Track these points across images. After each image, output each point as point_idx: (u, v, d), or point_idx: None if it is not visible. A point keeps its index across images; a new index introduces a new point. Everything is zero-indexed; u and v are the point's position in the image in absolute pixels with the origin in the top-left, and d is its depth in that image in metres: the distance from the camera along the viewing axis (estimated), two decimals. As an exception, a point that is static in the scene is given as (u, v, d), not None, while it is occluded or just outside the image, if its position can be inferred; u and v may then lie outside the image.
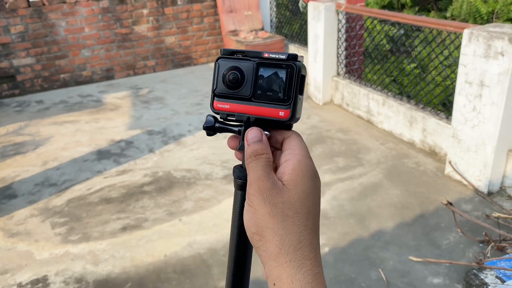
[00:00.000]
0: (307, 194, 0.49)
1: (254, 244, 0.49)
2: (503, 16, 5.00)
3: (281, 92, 0.51)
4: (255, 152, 0.50)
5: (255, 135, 0.51)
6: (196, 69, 6.37)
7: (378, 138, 3.91)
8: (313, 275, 0.47)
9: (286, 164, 0.50)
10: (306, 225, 0.48)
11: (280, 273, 0.46)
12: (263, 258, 0.48)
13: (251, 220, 0.48)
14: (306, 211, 0.48)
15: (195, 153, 3.82)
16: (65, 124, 4.62)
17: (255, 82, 0.52)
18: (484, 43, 2.80)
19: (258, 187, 0.48)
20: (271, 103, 0.51)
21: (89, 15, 5.66)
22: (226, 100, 0.53)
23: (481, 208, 2.90)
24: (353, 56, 4.53)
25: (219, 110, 0.54)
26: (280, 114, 0.51)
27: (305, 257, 0.47)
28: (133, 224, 2.92)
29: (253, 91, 0.52)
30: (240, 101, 0.53)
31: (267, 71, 0.51)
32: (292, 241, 0.47)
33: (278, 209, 0.47)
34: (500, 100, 2.79)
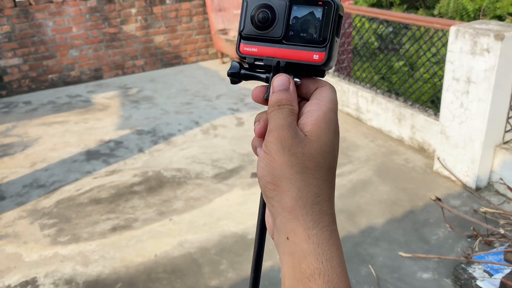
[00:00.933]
0: (329, 147, 0.46)
1: (267, 194, 0.46)
2: (490, 13, 5.05)
3: (316, 33, 0.45)
4: (279, 101, 0.46)
5: (282, 83, 0.47)
6: (186, 68, 6.35)
7: (367, 135, 3.94)
8: (331, 231, 0.44)
9: (310, 114, 0.46)
10: (326, 180, 0.45)
11: (296, 227, 0.43)
12: (275, 209, 0.45)
13: (266, 168, 0.45)
14: (328, 165, 0.45)
15: (185, 153, 3.81)
16: (53, 124, 4.58)
17: (287, 21, 0.46)
18: (471, 40, 2.83)
19: (278, 135, 0.45)
20: (305, 45, 0.46)
21: (77, 15, 5.62)
22: (254, 42, 0.48)
23: (469, 203, 2.93)
24: (342, 54, 4.55)
25: (246, 54, 0.49)
26: (314, 58, 0.46)
27: (323, 212, 0.44)
28: (123, 225, 2.90)
29: (284, 32, 0.46)
30: (270, 44, 0.47)
31: (301, 9, 0.46)
32: (310, 195, 0.44)
33: (298, 159, 0.44)
34: (486, 96, 2.82)
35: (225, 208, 3.00)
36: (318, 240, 0.43)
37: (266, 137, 0.46)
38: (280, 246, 0.45)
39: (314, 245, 0.43)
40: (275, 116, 0.46)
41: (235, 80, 0.50)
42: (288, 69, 0.47)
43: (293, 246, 0.43)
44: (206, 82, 5.70)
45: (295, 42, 0.46)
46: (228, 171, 3.48)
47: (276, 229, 0.46)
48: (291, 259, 0.44)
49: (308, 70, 0.47)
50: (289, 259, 0.44)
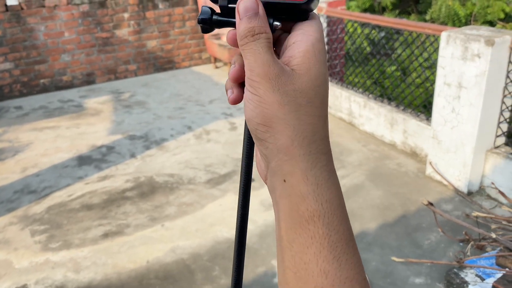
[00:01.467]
0: (321, 81, 0.42)
1: (259, 136, 0.42)
2: (481, 18, 5.10)
3: None
4: (251, 30, 0.41)
5: (250, 6, 0.41)
6: (179, 73, 6.34)
7: (360, 140, 3.95)
8: (329, 171, 0.42)
9: (296, 46, 0.42)
10: (320, 116, 0.42)
11: (293, 168, 0.40)
12: (270, 151, 0.41)
13: (255, 110, 0.41)
14: (320, 100, 0.42)
15: (177, 158, 3.80)
16: (45, 130, 4.55)
17: None
18: (462, 45, 2.85)
19: (264, 72, 0.40)
20: None
21: (69, 19, 5.59)
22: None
23: (461, 208, 2.95)
24: (334, 59, 4.56)
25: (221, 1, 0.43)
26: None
27: (320, 151, 0.41)
28: (114, 231, 2.88)
29: None
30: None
31: None
32: (306, 133, 0.41)
33: (289, 97, 0.40)
34: (477, 101, 2.84)
35: (218, 214, 2.99)
36: (317, 181, 0.40)
37: (249, 75, 0.42)
38: (276, 190, 0.43)
39: (313, 186, 0.40)
40: (252, 49, 0.41)
41: (206, 28, 0.45)
42: (265, 10, 0.42)
43: (290, 188, 0.41)
44: (199, 86, 5.69)
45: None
46: (221, 176, 3.47)
47: (270, 172, 0.43)
48: (288, 202, 0.41)
49: (289, 11, 0.42)
50: (285, 202, 0.41)
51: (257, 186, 3.28)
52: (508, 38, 2.76)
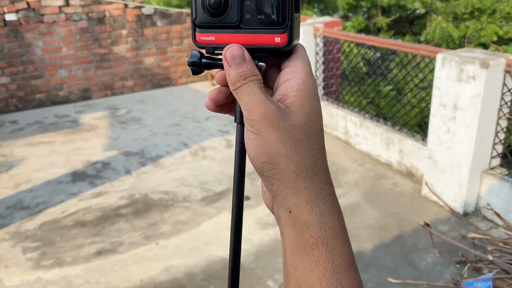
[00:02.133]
0: (314, 115, 0.45)
1: (265, 174, 0.44)
2: (474, 41, 5.18)
3: (274, 13, 0.42)
4: (242, 74, 0.43)
5: (237, 53, 0.43)
6: (176, 89, 6.36)
7: (356, 159, 3.95)
8: (332, 200, 0.44)
9: (288, 84, 0.44)
10: (318, 148, 0.45)
11: (298, 200, 0.43)
12: (276, 187, 0.44)
13: (259, 149, 0.43)
14: (316, 133, 0.45)
15: (173, 175, 3.77)
16: (39, 145, 4.52)
17: (241, 4, 0.43)
18: (457, 67, 2.89)
19: (262, 111, 0.42)
20: (264, 28, 0.43)
21: (67, 35, 5.62)
22: (211, 30, 0.45)
23: (457, 229, 2.94)
24: (330, 78, 4.60)
25: (204, 44, 0.46)
26: (276, 41, 0.43)
27: (323, 181, 0.44)
28: (108, 248, 2.84)
29: (240, 16, 0.43)
30: (227, 30, 0.44)
31: None
32: (308, 166, 0.43)
33: (288, 133, 0.43)
34: (473, 122, 2.86)
35: (213, 232, 2.96)
36: (321, 210, 0.43)
37: (247, 115, 0.43)
38: (282, 219, 0.45)
39: (317, 215, 0.43)
40: (247, 91, 0.43)
41: (196, 70, 0.47)
42: (250, 54, 0.44)
43: (296, 218, 0.43)
44: (195, 103, 5.71)
45: (253, 26, 0.43)
46: (216, 194, 3.45)
47: (276, 204, 0.45)
48: (293, 230, 0.43)
49: (272, 53, 0.45)
50: (291, 230, 0.44)
51: (253, 204, 3.27)
52: (503, 61, 2.80)
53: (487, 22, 5.10)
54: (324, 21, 4.52)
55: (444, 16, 5.54)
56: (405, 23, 6.99)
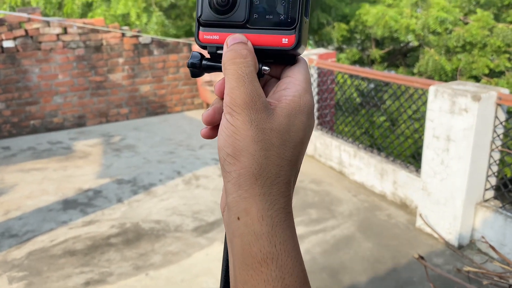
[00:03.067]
0: (299, 128, 0.42)
1: (225, 168, 0.41)
2: (466, 73, 5.26)
3: (284, 13, 0.41)
4: (238, 53, 0.41)
5: (238, 36, 0.42)
6: (171, 117, 6.38)
7: (350, 190, 3.93)
8: (286, 213, 0.41)
9: (285, 93, 0.43)
10: (290, 160, 0.42)
11: (249, 206, 0.40)
12: (231, 185, 0.41)
13: (228, 139, 0.41)
14: (293, 145, 0.42)
15: (165, 204, 3.73)
16: (31, 171, 4.48)
17: (250, 3, 0.42)
18: (449, 99, 2.92)
19: (245, 104, 0.40)
20: (271, 28, 0.42)
21: (64, 62, 5.66)
22: (215, 29, 0.43)
23: (452, 262, 2.90)
24: (325, 108, 4.63)
25: (207, 43, 0.44)
26: (283, 42, 0.41)
27: (281, 193, 0.41)
28: (97, 279, 2.77)
29: (248, 15, 0.42)
30: (233, 29, 0.43)
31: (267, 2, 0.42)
32: (271, 173, 0.41)
33: (265, 135, 0.40)
34: (466, 154, 2.87)
35: (204, 264, 2.90)
36: (272, 222, 0.40)
37: (229, 102, 0.41)
38: (230, 226, 0.42)
39: (268, 227, 0.39)
40: (238, 72, 0.40)
41: (195, 72, 0.45)
42: (256, 54, 0.42)
43: (244, 227, 0.40)
44: (190, 131, 5.71)
45: (261, 25, 0.42)
46: (208, 224, 3.40)
47: (228, 206, 0.42)
48: (241, 241, 0.40)
49: (278, 56, 0.43)
50: (238, 241, 0.40)
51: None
52: (494, 94, 2.83)
53: (479, 55, 5.20)
54: (318, 53, 4.59)
55: (437, 49, 5.65)
56: (399, 55, 7.11)
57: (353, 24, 6.92)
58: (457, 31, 5.42)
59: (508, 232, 2.83)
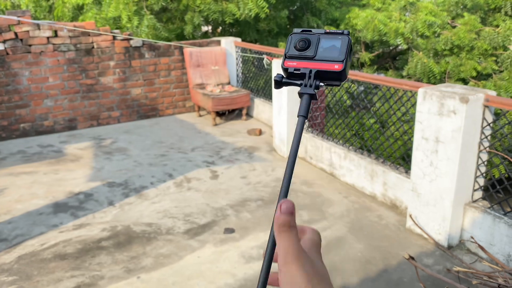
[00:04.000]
0: None
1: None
2: (454, 76, 5.33)
3: (338, 53, 0.62)
4: (288, 223, 0.53)
5: (290, 206, 0.54)
6: (162, 120, 6.37)
7: (341, 191, 3.96)
8: None
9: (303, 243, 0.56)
10: None
11: None
12: None
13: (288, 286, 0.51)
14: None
15: (156, 206, 3.73)
16: (21, 175, 4.44)
17: (317, 47, 0.64)
18: (438, 101, 2.96)
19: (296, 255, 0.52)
20: (329, 60, 0.62)
21: (54, 65, 5.63)
22: (294, 60, 0.64)
23: (442, 262, 2.93)
24: (315, 111, 4.66)
25: (288, 66, 0.64)
26: (335, 67, 0.61)
27: None
28: (87, 282, 2.76)
29: (316, 53, 0.63)
30: (305, 60, 0.63)
31: (327, 41, 0.64)
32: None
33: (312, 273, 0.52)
34: (455, 155, 2.91)
35: (196, 266, 2.90)
36: None
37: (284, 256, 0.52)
38: None
39: None
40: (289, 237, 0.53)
41: (278, 86, 0.65)
42: (316, 75, 0.62)
43: None
44: (182, 134, 5.71)
45: (323, 58, 0.63)
46: (200, 226, 3.40)
47: None
48: None
49: (331, 76, 0.62)
50: None
51: (237, 237, 3.23)
52: (481, 96, 2.88)
53: (466, 58, 5.27)
54: (309, 55, 4.62)
55: (425, 52, 5.72)
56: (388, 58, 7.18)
57: (343, 27, 6.98)
58: (445, 34, 5.49)
59: (497, 232, 2.87)
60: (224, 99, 5.86)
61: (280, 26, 7.70)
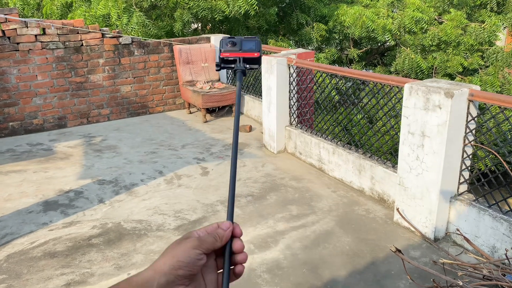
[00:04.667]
0: None
1: None
2: (441, 71, 5.39)
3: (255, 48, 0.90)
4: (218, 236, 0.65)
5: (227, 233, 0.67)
6: (152, 117, 6.37)
7: (329, 186, 4.00)
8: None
9: None
10: None
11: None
12: None
13: None
14: None
15: (147, 203, 3.74)
16: (10, 173, 4.42)
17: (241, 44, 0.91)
18: (423, 96, 3.00)
19: None
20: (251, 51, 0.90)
21: (43, 63, 5.60)
22: (227, 52, 0.91)
23: (428, 254, 2.98)
24: (304, 107, 4.70)
25: (224, 56, 0.91)
26: (255, 54, 0.90)
27: None
28: (78, 280, 2.77)
29: (240, 47, 0.91)
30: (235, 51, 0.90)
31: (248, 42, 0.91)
32: None
33: None
34: (440, 149, 2.95)
35: (186, 261, 2.92)
36: None
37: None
38: None
39: None
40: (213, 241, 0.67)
41: (219, 68, 0.91)
42: (244, 61, 0.89)
43: None
44: (172, 131, 5.71)
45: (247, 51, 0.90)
46: (191, 222, 3.42)
47: None
48: None
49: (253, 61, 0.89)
50: None
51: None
52: (466, 91, 2.92)
53: (453, 54, 5.33)
54: (297, 52, 4.65)
55: (413, 48, 5.77)
56: (376, 54, 7.23)
57: (331, 24, 7.02)
58: (432, 30, 5.54)
59: (482, 224, 2.92)
60: (214, 96, 5.87)
61: (269, 23, 7.72)
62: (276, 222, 3.40)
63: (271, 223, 3.39)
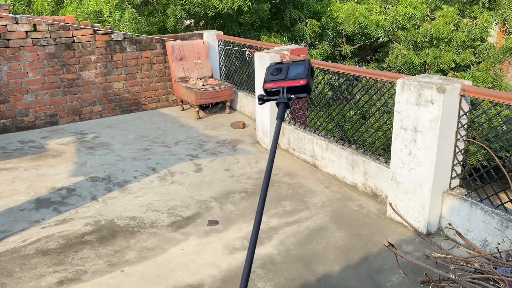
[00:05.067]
0: None
1: None
2: (434, 67, 5.42)
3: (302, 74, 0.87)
4: None
5: None
6: (145, 114, 6.34)
7: (323, 182, 4.01)
8: None
9: None
10: None
11: None
12: None
13: None
14: None
15: (140, 200, 3.73)
16: (1, 171, 4.39)
17: (287, 70, 0.88)
18: (416, 92, 3.01)
19: None
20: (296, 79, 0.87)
21: (34, 60, 5.55)
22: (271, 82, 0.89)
23: (421, 249, 3.00)
24: (298, 103, 4.70)
25: (267, 87, 0.89)
26: (301, 82, 0.86)
27: None
28: (71, 277, 2.76)
29: (286, 75, 0.88)
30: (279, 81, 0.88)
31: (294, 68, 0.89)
32: None
33: None
34: (432, 144, 2.97)
35: (179, 258, 2.92)
36: None
37: None
38: None
39: None
40: None
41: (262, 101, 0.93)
42: (288, 90, 0.87)
43: None
44: (165, 128, 5.69)
45: (291, 78, 0.87)
46: (184, 219, 3.42)
47: None
48: None
49: (299, 89, 0.88)
50: None
51: (220, 229, 3.25)
52: (458, 86, 2.94)
53: (445, 50, 5.35)
54: (290, 48, 4.65)
55: (405, 44, 5.79)
56: (369, 50, 7.25)
57: (324, 20, 7.02)
58: (425, 26, 5.57)
59: (474, 218, 2.95)
60: (207, 92, 5.86)
61: (262, 19, 7.70)
62: (270, 218, 3.41)
63: (264, 219, 3.39)
